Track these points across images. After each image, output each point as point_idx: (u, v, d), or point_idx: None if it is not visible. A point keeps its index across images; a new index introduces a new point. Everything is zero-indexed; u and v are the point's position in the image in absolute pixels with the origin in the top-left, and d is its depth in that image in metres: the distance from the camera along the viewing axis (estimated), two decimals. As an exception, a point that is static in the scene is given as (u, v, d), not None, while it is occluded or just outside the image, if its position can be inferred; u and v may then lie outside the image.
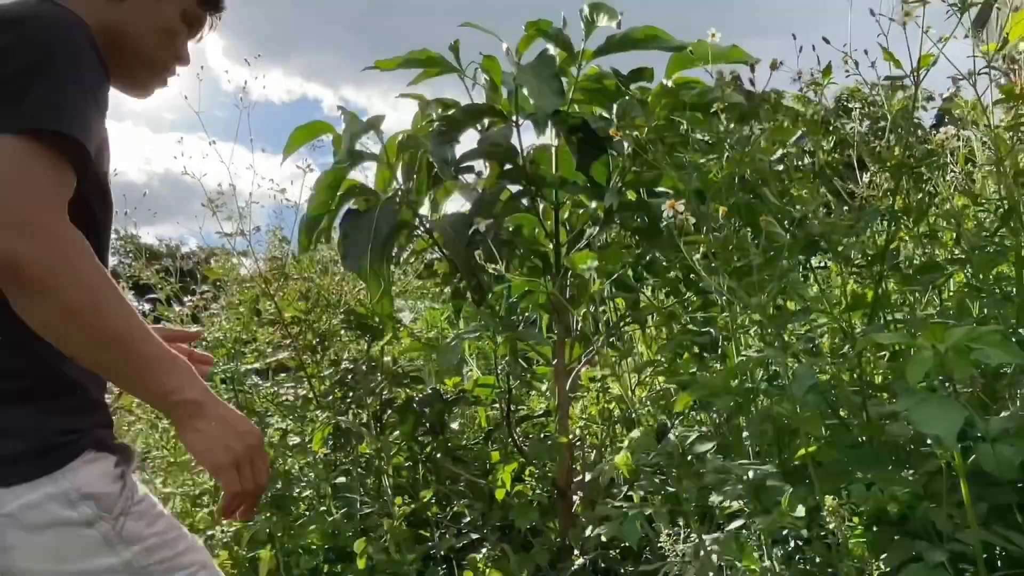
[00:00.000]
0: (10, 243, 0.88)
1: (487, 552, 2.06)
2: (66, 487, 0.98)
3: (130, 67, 1.21)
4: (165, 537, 1.07)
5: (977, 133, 1.49)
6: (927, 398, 1.15)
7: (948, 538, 1.25)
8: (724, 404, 1.44)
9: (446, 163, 1.95)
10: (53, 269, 0.91)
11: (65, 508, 0.97)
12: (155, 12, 1.21)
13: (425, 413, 2.18)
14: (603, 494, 1.96)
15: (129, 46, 1.19)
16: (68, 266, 0.92)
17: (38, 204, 0.91)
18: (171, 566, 1.06)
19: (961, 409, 1.10)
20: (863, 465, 1.43)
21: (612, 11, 1.99)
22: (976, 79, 1.28)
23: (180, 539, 1.10)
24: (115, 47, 1.14)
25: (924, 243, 1.54)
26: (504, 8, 13.53)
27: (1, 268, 0.89)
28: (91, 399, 1.08)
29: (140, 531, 1.04)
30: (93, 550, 1.00)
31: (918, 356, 1.15)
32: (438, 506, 2.30)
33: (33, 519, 0.96)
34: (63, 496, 0.97)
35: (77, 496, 0.98)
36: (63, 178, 0.95)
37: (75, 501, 0.98)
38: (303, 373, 2.56)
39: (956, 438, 1.08)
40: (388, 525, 1.96)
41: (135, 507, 1.04)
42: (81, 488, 0.98)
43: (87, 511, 0.99)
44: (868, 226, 1.42)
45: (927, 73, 1.24)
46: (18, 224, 0.89)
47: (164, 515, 1.10)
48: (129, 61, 1.20)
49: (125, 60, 1.18)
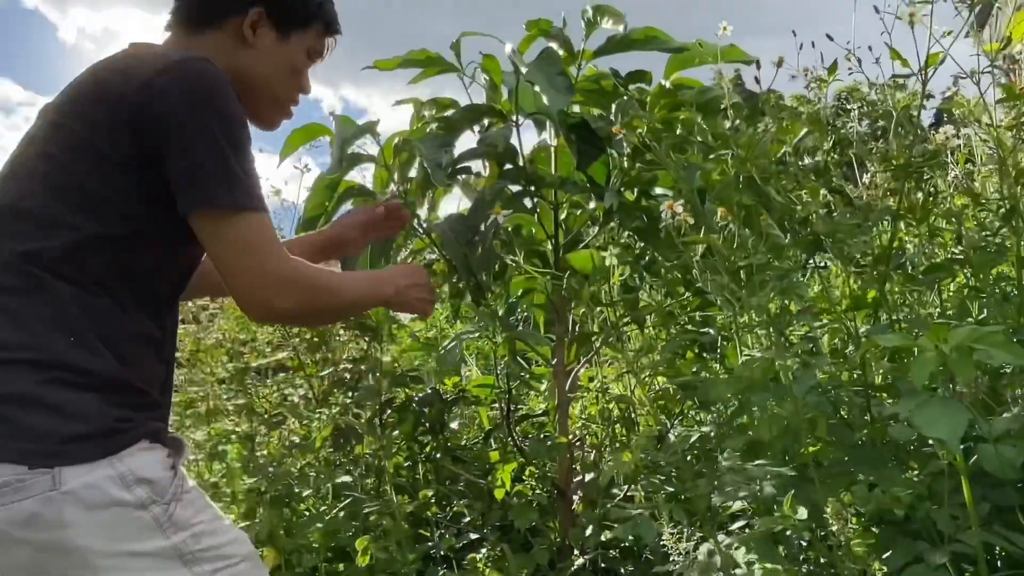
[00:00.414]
0: (279, 302, 1.15)
1: (487, 552, 2.06)
2: (123, 470, 1.04)
3: (258, 105, 1.33)
4: (211, 526, 1.13)
5: (978, 132, 1.49)
6: (929, 400, 1.14)
7: (950, 539, 1.25)
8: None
9: (439, 167, 1.93)
10: (310, 307, 1.20)
11: (121, 490, 1.03)
12: (282, 53, 1.33)
13: (424, 413, 2.17)
14: (603, 494, 1.96)
15: (258, 87, 1.32)
16: (316, 297, 1.20)
17: (282, 262, 1.15)
18: (216, 555, 1.11)
19: (964, 411, 1.10)
20: (865, 466, 1.42)
21: (618, 14, 1.97)
22: (980, 78, 1.28)
23: (225, 530, 1.16)
24: (245, 88, 1.26)
25: (926, 243, 1.54)
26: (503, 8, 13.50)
27: (282, 317, 1.32)
28: (151, 400, 1.16)
29: (189, 518, 1.09)
30: (144, 532, 1.05)
31: (922, 357, 1.14)
32: (438, 506, 2.30)
33: (91, 498, 1.01)
34: (120, 478, 1.03)
35: (133, 479, 1.04)
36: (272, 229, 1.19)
37: (131, 484, 1.04)
38: (303, 373, 2.56)
39: (959, 441, 1.07)
40: (389, 524, 1.96)
41: (184, 495, 1.11)
42: (136, 472, 1.05)
43: (141, 494, 1.05)
44: (874, 226, 1.41)
45: (935, 72, 1.24)
46: (280, 284, 1.14)
47: (211, 507, 1.16)
48: (257, 100, 1.33)
49: (254, 99, 1.31)
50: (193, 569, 1.08)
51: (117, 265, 1.13)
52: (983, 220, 1.54)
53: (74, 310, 1.08)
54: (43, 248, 1.08)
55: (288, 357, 2.65)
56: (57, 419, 1.03)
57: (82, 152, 1.12)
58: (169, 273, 1.24)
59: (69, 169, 1.12)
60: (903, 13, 1.20)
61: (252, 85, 1.30)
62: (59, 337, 1.07)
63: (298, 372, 2.62)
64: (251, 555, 1.18)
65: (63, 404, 1.04)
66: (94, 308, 1.10)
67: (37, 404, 1.03)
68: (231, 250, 1.12)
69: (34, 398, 1.03)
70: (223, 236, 1.12)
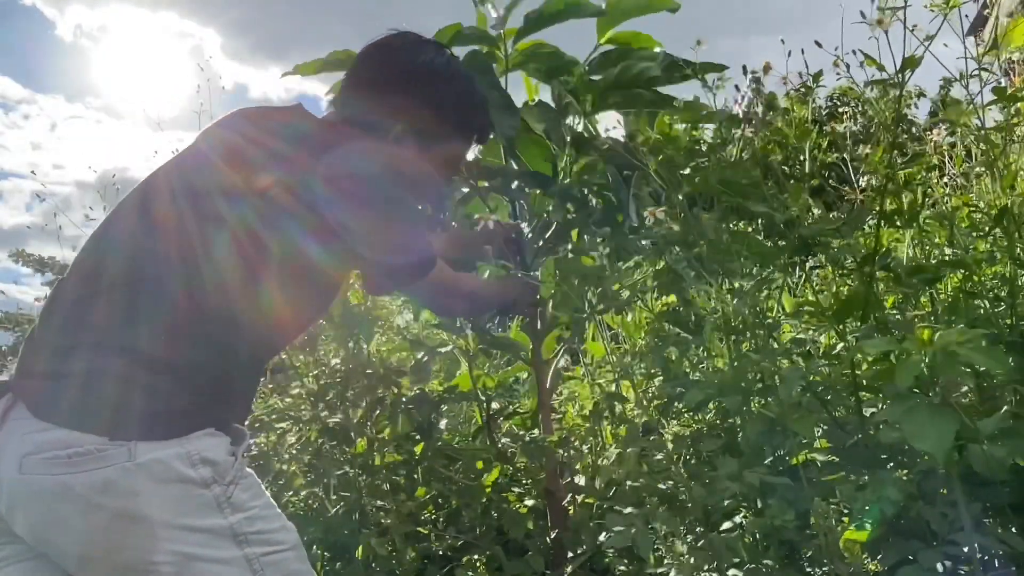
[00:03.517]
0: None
1: (481, 556, 2.06)
2: (190, 449, 1.14)
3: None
4: (264, 512, 1.22)
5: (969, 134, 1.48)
6: (917, 405, 1.14)
7: (942, 539, 1.25)
8: (734, 403, 1.43)
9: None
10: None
11: (187, 467, 1.13)
12: (424, 161, 1.48)
13: (413, 413, 2.17)
14: (597, 494, 1.94)
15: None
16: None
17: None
18: (267, 539, 1.19)
19: (952, 418, 1.09)
20: (855, 465, 1.42)
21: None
22: (968, 81, 1.28)
23: (277, 518, 1.24)
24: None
25: (915, 244, 1.53)
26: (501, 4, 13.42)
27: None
28: (223, 394, 1.26)
29: (245, 501, 1.18)
30: (204, 509, 1.14)
31: (907, 360, 1.14)
32: (434, 505, 2.29)
33: (160, 472, 1.11)
34: (187, 456, 1.13)
35: (198, 459, 1.14)
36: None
37: (196, 463, 1.14)
38: (295, 372, 2.56)
39: (947, 452, 1.07)
40: (392, 521, 1.97)
41: (243, 479, 1.20)
42: (202, 452, 1.14)
43: (205, 473, 1.14)
44: (859, 227, 1.41)
45: (911, 75, 1.23)
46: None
47: (265, 495, 1.25)
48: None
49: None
50: (245, 550, 1.16)
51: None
52: (975, 221, 1.54)
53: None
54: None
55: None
56: (137, 397, 1.13)
57: None
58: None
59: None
60: (873, 17, 1.19)
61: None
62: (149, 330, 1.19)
63: (290, 371, 2.62)
64: (298, 545, 1.25)
65: (145, 385, 1.14)
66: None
67: (122, 382, 1.14)
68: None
69: (120, 377, 1.14)
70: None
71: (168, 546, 1.11)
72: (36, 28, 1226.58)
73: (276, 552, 1.20)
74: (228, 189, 1.28)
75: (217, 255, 1.23)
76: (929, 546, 1.24)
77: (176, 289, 1.22)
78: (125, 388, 1.14)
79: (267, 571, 1.17)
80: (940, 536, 1.25)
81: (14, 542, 1.17)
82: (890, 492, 1.24)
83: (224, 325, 1.24)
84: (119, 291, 1.21)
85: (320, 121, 1.45)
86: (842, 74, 1.29)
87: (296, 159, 1.30)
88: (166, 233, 1.26)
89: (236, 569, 1.15)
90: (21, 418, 1.13)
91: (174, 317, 1.20)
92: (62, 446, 1.08)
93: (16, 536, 1.15)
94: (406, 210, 1.40)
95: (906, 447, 1.46)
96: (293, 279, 1.31)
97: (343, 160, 1.31)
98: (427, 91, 1.44)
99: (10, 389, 1.19)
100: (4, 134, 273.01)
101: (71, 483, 1.08)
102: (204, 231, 1.24)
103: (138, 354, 1.16)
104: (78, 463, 1.08)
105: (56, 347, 1.20)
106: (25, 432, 1.11)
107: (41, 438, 1.10)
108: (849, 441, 1.49)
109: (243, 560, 1.16)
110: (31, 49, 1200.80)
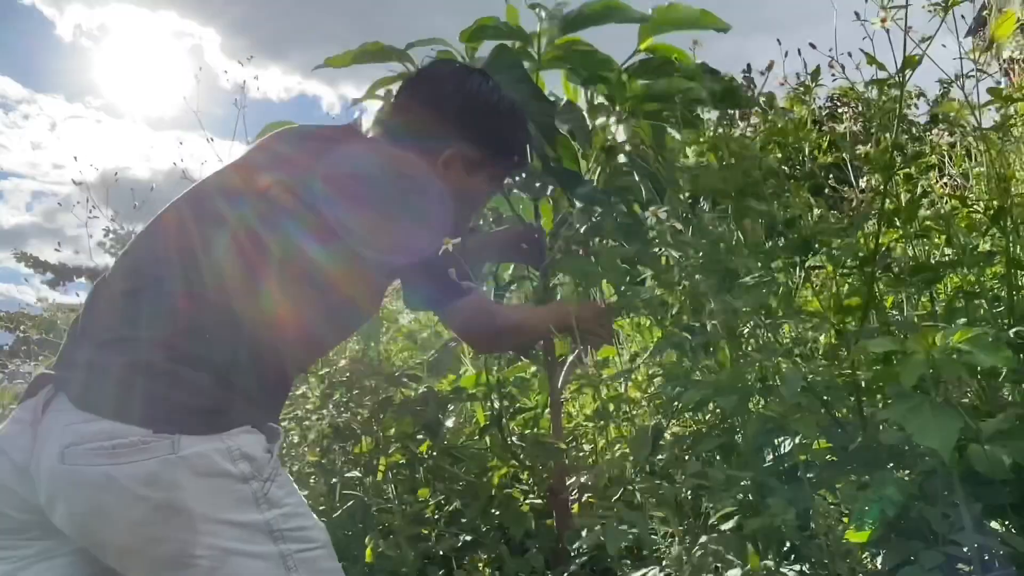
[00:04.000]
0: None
1: (485, 555, 2.06)
2: (230, 444, 1.16)
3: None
4: (299, 509, 1.24)
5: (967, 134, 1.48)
6: (920, 405, 1.14)
7: (943, 539, 1.25)
8: (729, 403, 1.43)
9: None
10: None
11: (227, 462, 1.15)
12: (466, 185, 1.54)
13: (419, 413, 2.17)
14: (600, 494, 1.94)
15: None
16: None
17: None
18: (300, 536, 1.21)
19: (956, 417, 1.09)
20: (856, 465, 1.42)
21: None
22: (964, 81, 1.28)
23: (310, 516, 1.27)
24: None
25: (914, 244, 1.53)
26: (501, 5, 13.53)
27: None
28: (264, 397, 1.29)
29: (281, 498, 1.21)
30: (242, 504, 1.16)
31: (910, 360, 1.14)
32: (436, 505, 2.29)
33: (201, 465, 1.13)
34: (227, 451, 1.15)
35: (238, 454, 1.16)
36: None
37: (236, 458, 1.16)
38: (302, 373, 2.56)
39: (952, 450, 1.07)
40: (397, 521, 1.97)
41: (278, 477, 1.22)
42: (241, 448, 1.17)
43: (244, 468, 1.16)
44: (859, 228, 1.41)
45: (912, 74, 1.24)
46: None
47: (298, 493, 1.27)
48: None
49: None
50: (279, 546, 1.18)
51: None
52: (973, 221, 1.54)
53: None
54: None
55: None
56: (182, 392, 1.16)
57: None
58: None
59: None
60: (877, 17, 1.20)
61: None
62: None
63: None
64: (328, 543, 1.27)
65: (188, 380, 1.17)
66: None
67: (166, 376, 1.16)
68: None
69: (164, 371, 1.16)
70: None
71: (207, 539, 1.12)
72: (36, 28, 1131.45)
73: (309, 550, 1.21)
74: (273, 198, 1.32)
75: (255, 259, 1.27)
76: (930, 546, 1.24)
77: (215, 290, 1.25)
78: (168, 382, 1.16)
79: (300, 568, 1.19)
80: (941, 536, 1.24)
81: (43, 538, 1.18)
82: (891, 492, 1.24)
83: (262, 328, 1.26)
84: (162, 288, 1.25)
85: (371, 142, 1.52)
86: (838, 75, 1.29)
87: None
88: (209, 235, 1.29)
89: (271, 565, 1.17)
90: (63, 409, 1.15)
91: (214, 317, 1.23)
92: (106, 437, 1.10)
93: (46, 532, 1.16)
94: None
95: (907, 447, 1.46)
96: (333, 287, 1.34)
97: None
98: (475, 120, 1.51)
99: (52, 381, 1.20)
100: (4, 134, 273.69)
101: (115, 474, 1.09)
102: (249, 236, 1.28)
103: (180, 351, 1.18)
104: (122, 454, 1.09)
105: (99, 340, 1.22)
106: (67, 423, 1.12)
107: (84, 429, 1.11)
108: (850, 443, 1.48)
109: (278, 556, 1.17)
110: (31, 49, 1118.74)
